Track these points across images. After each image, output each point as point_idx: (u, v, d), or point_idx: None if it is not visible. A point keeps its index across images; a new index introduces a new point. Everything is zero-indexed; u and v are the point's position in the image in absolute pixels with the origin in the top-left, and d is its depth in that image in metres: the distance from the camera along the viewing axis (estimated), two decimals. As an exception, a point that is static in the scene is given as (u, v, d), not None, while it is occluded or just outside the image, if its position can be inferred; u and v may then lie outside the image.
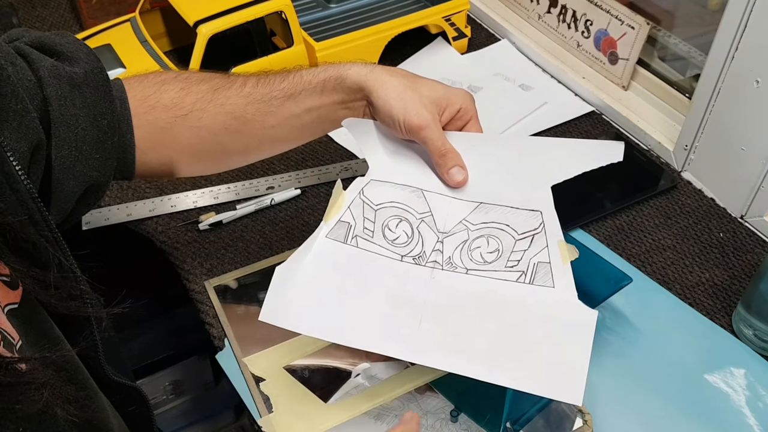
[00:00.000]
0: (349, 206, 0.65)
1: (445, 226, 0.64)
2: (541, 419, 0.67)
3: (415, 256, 0.63)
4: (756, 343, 0.76)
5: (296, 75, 0.67)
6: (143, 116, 0.65)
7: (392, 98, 0.63)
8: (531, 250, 0.61)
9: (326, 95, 0.66)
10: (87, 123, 0.59)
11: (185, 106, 0.65)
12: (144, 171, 0.67)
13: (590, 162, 0.63)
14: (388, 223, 0.65)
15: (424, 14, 1.10)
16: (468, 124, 0.67)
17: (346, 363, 0.73)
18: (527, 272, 0.61)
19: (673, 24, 1.05)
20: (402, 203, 0.65)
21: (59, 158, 0.56)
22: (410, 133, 0.64)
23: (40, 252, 0.49)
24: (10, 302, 0.47)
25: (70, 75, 0.59)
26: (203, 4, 0.98)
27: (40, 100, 0.56)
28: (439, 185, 0.66)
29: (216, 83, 0.67)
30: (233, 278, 0.83)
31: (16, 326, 0.47)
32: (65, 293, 0.50)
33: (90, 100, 0.60)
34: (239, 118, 0.67)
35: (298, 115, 0.67)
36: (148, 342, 1.25)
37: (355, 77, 0.65)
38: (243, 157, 0.72)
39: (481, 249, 0.63)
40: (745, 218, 0.90)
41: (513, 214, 0.63)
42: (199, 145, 0.67)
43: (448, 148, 0.64)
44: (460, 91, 0.66)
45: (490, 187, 0.65)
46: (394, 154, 0.68)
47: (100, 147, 0.60)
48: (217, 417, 1.37)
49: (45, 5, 1.23)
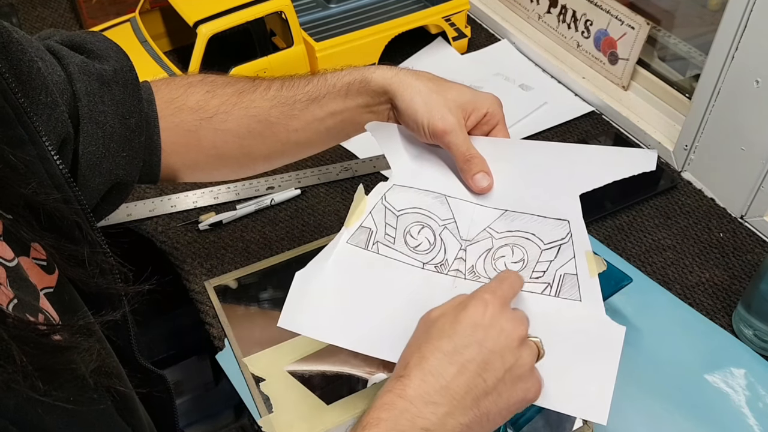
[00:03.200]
0: (370, 212, 0.64)
1: (468, 233, 0.62)
2: (541, 419, 0.67)
3: (437, 264, 0.61)
4: (756, 343, 0.76)
5: (321, 78, 0.66)
6: (169, 118, 0.65)
7: (417, 102, 0.62)
8: (557, 261, 0.59)
9: (350, 98, 0.65)
10: (115, 120, 0.59)
11: (210, 108, 0.65)
12: (168, 174, 0.67)
13: (621, 171, 0.61)
14: (410, 230, 0.63)
15: (424, 14, 1.10)
16: (494, 129, 0.65)
17: (362, 371, 0.72)
18: (553, 284, 0.59)
19: (673, 24, 1.05)
20: (425, 209, 0.64)
21: (86, 154, 0.57)
22: (435, 138, 0.62)
23: (71, 229, 0.50)
24: (47, 286, 0.48)
25: (100, 72, 0.59)
26: (203, 4, 0.98)
27: (69, 96, 0.56)
28: (463, 191, 0.64)
29: (241, 86, 0.67)
30: (233, 278, 0.83)
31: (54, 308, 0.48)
32: (96, 269, 0.51)
33: (119, 98, 0.60)
34: (263, 122, 0.66)
35: (322, 118, 0.67)
36: (148, 342, 1.25)
37: (380, 80, 0.64)
38: (266, 161, 0.71)
39: (505, 258, 0.61)
40: (745, 218, 0.90)
41: (539, 223, 0.61)
42: (224, 149, 0.67)
43: (474, 154, 0.62)
44: (487, 95, 0.65)
45: (516, 195, 0.63)
46: (418, 159, 0.66)
47: (128, 145, 0.61)
48: (217, 417, 1.37)
49: (45, 5, 1.23)
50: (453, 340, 0.49)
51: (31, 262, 0.47)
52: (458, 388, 0.48)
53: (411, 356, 0.50)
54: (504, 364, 0.50)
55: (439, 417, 0.47)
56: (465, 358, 0.49)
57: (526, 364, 0.51)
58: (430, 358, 0.49)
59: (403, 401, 0.48)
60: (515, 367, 0.50)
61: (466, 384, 0.48)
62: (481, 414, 0.49)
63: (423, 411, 0.47)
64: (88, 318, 0.50)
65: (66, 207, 0.50)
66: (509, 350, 0.50)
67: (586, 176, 0.62)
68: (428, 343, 0.50)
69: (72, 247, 0.49)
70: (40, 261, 0.48)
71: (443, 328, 0.50)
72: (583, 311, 0.57)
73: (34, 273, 0.47)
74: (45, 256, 0.48)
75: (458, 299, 0.53)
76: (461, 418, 0.48)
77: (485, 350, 0.49)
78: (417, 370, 0.49)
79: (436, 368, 0.49)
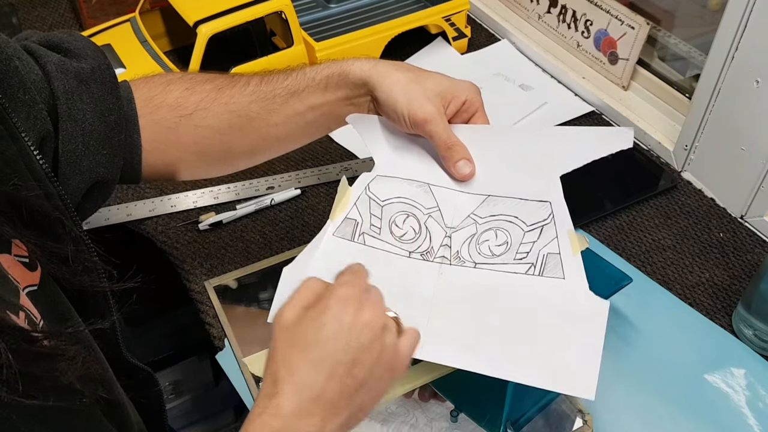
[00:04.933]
0: (355, 203, 0.64)
1: (452, 220, 0.63)
2: (541, 419, 0.67)
3: (423, 252, 0.62)
4: (756, 343, 0.76)
5: (300, 72, 0.67)
6: (149, 116, 0.65)
7: (396, 92, 0.62)
8: (540, 241, 0.60)
9: (330, 92, 0.66)
10: (94, 118, 0.59)
11: (189, 105, 0.65)
12: (150, 173, 0.67)
13: (599, 150, 0.61)
14: (395, 219, 0.64)
15: (424, 14, 1.10)
16: (474, 116, 0.66)
17: None
18: (536, 264, 0.59)
19: (673, 24, 1.05)
20: (409, 198, 0.65)
21: (66, 152, 0.57)
22: (415, 127, 0.63)
23: (54, 225, 0.50)
24: (30, 284, 0.48)
25: (77, 70, 0.59)
26: (203, 4, 0.98)
27: (47, 94, 0.56)
28: (446, 179, 0.65)
29: (220, 83, 0.67)
30: (233, 278, 0.83)
31: (36, 307, 0.48)
32: (80, 266, 0.50)
33: (97, 96, 0.60)
34: (243, 117, 0.66)
35: (303, 112, 0.67)
36: (148, 342, 1.25)
37: (358, 72, 0.64)
38: (248, 157, 0.72)
39: (489, 242, 0.61)
40: (745, 218, 0.90)
41: (521, 206, 0.62)
42: (204, 145, 0.67)
43: (454, 141, 0.63)
44: (465, 83, 0.65)
45: (497, 180, 0.64)
46: (400, 149, 0.67)
47: (108, 143, 0.61)
48: (217, 417, 1.38)
49: (45, 5, 1.23)
50: (320, 347, 0.48)
51: (12, 259, 0.47)
52: (331, 393, 0.48)
53: (279, 370, 0.48)
54: (371, 356, 0.49)
55: (317, 427, 0.47)
56: (334, 362, 0.48)
57: (389, 346, 0.51)
58: (299, 370, 0.48)
59: (278, 420, 0.47)
60: (382, 354, 0.50)
61: (339, 388, 0.48)
62: (354, 409, 0.49)
63: (300, 426, 0.47)
64: (77, 326, 0.50)
65: (48, 203, 0.50)
66: (374, 341, 0.50)
67: (566, 157, 0.63)
68: (294, 355, 0.49)
69: (54, 244, 0.49)
70: (21, 258, 0.48)
71: (307, 335, 0.49)
72: (567, 288, 0.58)
73: (16, 270, 0.47)
74: (27, 252, 0.48)
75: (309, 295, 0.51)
76: (337, 420, 0.48)
77: (352, 350, 0.49)
78: (288, 385, 0.48)
79: (307, 380, 0.47)
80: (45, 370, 0.41)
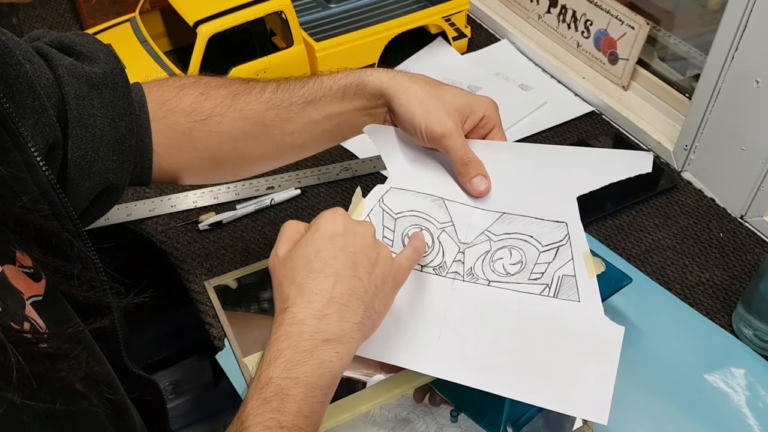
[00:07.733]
0: (368, 214, 0.64)
1: (466, 236, 0.62)
2: (541, 419, 0.67)
3: (436, 267, 0.61)
4: (756, 343, 0.76)
5: (317, 81, 0.66)
6: (162, 120, 0.64)
7: (414, 105, 0.62)
8: (555, 262, 0.60)
9: (347, 101, 0.65)
10: (105, 124, 0.59)
11: (204, 110, 0.65)
12: (161, 176, 0.67)
13: (618, 172, 0.61)
14: (408, 233, 0.63)
15: (424, 14, 1.10)
16: (491, 132, 0.65)
17: (359, 374, 0.72)
18: (551, 285, 0.59)
19: (673, 24, 1.05)
20: (422, 212, 0.64)
21: (75, 158, 0.56)
22: (432, 141, 0.63)
23: (63, 244, 0.50)
24: (34, 294, 0.48)
25: (89, 75, 0.59)
26: (203, 4, 0.98)
27: (57, 99, 0.56)
28: (461, 194, 0.64)
29: (236, 88, 0.67)
30: (233, 278, 0.83)
31: (41, 317, 0.47)
32: (86, 284, 0.51)
33: (108, 101, 0.59)
34: (258, 124, 0.66)
35: (318, 121, 0.66)
36: (148, 342, 1.25)
37: (376, 83, 0.64)
38: (262, 163, 0.71)
39: (503, 260, 0.61)
40: (745, 218, 0.90)
41: (537, 225, 0.61)
42: (218, 151, 0.67)
43: (471, 157, 0.63)
44: (483, 98, 0.65)
45: (513, 197, 0.63)
46: (415, 162, 0.66)
47: (118, 149, 0.60)
48: (217, 417, 1.37)
49: (45, 5, 1.23)
50: (319, 257, 0.51)
51: (16, 270, 0.46)
52: (341, 294, 0.50)
53: (288, 290, 0.51)
54: (369, 259, 0.52)
55: (334, 325, 0.49)
56: (336, 267, 0.51)
57: (385, 257, 0.54)
58: (305, 283, 0.51)
59: (296, 326, 0.49)
60: (379, 259, 0.53)
61: (347, 288, 0.51)
62: (368, 308, 0.52)
63: (319, 326, 0.49)
64: (77, 326, 0.50)
65: (57, 224, 0.50)
66: (369, 247, 0.53)
67: (583, 179, 0.62)
68: (297, 273, 0.51)
69: (61, 262, 0.49)
70: (26, 269, 0.47)
71: (306, 253, 0.52)
72: (581, 312, 0.57)
73: (20, 281, 0.46)
74: (31, 263, 0.48)
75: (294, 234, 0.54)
76: (354, 318, 0.51)
77: (350, 253, 0.52)
78: (299, 297, 0.50)
79: (316, 287, 0.50)
80: (50, 371, 0.41)
